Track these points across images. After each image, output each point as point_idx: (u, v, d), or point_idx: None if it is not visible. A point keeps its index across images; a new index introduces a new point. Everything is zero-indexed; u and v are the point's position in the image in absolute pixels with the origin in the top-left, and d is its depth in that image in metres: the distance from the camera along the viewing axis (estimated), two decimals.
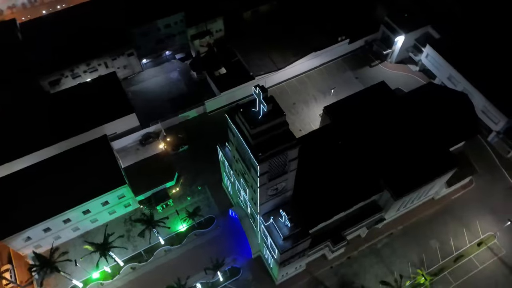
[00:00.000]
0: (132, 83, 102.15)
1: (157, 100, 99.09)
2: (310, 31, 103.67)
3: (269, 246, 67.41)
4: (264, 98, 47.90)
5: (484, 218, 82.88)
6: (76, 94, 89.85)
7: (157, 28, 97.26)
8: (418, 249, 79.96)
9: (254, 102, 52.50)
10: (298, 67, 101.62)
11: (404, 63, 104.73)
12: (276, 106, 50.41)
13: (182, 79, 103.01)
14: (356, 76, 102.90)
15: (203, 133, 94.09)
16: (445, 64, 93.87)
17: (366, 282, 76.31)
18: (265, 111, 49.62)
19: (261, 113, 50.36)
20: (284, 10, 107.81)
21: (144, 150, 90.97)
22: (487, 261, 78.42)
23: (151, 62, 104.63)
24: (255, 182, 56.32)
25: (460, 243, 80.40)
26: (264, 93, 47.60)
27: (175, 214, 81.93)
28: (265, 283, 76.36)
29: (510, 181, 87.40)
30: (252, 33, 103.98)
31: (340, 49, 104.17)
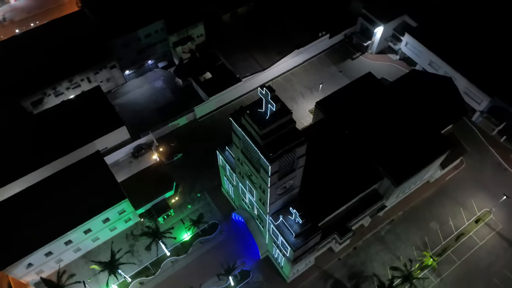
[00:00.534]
0: (117, 96, 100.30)
1: (145, 111, 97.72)
2: (291, 28, 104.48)
3: (280, 245, 67.61)
4: (272, 98, 47.97)
5: (478, 195, 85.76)
6: (62, 112, 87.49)
7: (137, 38, 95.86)
8: (420, 232, 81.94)
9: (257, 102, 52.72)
10: (283, 66, 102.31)
11: (384, 53, 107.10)
12: (283, 104, 50.65)
13: (168, 87, 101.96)
14: (340, 70, 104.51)
15: (195, 140, 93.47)
16: (425, 51, 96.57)
17: (375, 270, 77.63)
18: (273, 111, 49.75)
19: (268, 113, 50.52)
20: (262, 10, 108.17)
21: (138, 162, 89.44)
22: (486, 236, 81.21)
23: (134, 73, 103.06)
24: (265, 182, 56.43)
25: (459, 222, 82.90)
26: (272, 93, 47.72)
27: (178, 224, 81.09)
28: (276, 283, 76.54)
29: (498, 157, 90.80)
30: (233, 36, 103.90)
31: (321, 44, 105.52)
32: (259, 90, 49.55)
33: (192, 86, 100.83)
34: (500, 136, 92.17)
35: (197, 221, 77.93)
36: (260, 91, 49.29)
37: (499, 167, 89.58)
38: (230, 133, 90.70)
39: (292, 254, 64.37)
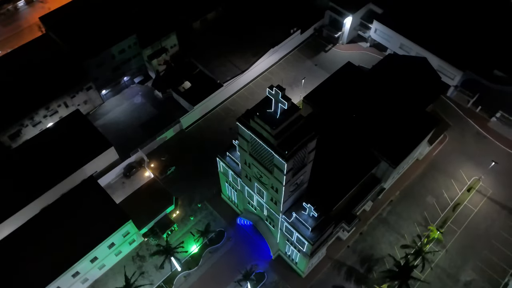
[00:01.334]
0: (97, 117, 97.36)
1: (129, 128, 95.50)
2: (263, 28, 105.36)
3: (294, 241, 68.16)
4: (282, 97, 48.43)
5: (465, 165, 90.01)
6: (43, 141, 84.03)
7: (111, 55, 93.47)
8: (419, 209, 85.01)
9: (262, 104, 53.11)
10: (260, 66, 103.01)
11: (354, 42, 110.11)
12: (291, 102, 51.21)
13: (148, 102, 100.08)
14: (315, 63, 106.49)
15: (185, 151, 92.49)
16: (395, 35, 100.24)
17: (383, 251, 79.78)
18: (283, 109, 50.23)
19: (278, 112, 50.94)
20: (231, 14, 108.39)
21: (131, 182, 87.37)
22: (479, 203, 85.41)
23: (111, 92, 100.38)
24: (280, 181, 56.82)
25: (453, 193, 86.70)
26: (282, 92, 48.17)
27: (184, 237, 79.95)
28: (292, 279, 77.04)
29: (476, 127, 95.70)
30: (207, 42, 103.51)
31: (293, 41, 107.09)
32: (268, 91, 49.91)
33: (172, 97, 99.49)
34: (476, 107, 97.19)
35: (205, 231, 77.12)
36: (269, 91, 49.65)
37: (479, 136, 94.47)
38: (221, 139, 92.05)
39: (310, 248, 65.12)
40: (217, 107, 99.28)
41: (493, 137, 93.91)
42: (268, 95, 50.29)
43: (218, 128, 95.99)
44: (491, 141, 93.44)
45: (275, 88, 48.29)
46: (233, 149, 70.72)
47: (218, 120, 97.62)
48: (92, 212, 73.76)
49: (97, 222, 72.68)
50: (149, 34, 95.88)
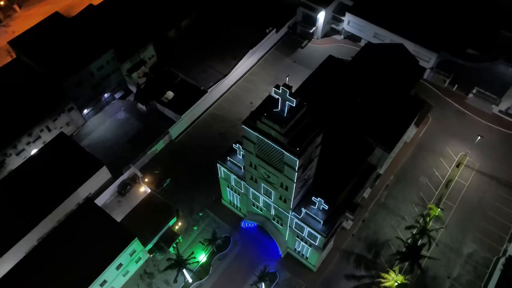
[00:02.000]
0: (81, 138, 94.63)
1: (116, 145, 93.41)
2: (239, 31, 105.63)
3: (305, 236, 68.79)
4: (290, 95, 48.90)
5: (451, 142, 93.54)
6: (31, 169, 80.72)
7: (90, 73, 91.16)
8: (414, 189, 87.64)
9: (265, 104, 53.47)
10: (241, 68, 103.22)
11: (329, 36, 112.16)
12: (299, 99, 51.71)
13: (132, 116, 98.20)
14: (294, 60, 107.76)
15: (178, 161, 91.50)
16: (368, 25, 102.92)
17: (388, 235, 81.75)
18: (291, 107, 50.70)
19: (285, 110, 51.39)
20: (204, 19, 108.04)
21: (127, 199, 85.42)
22: (469, 177, 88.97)
23: (92, 111, 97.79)
24: (291, 178, 57.28)
25: (443, 171, 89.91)
26: (289, 90, 48.63)
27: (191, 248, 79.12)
28: (304, 275, 77.62)
29: (455, 105, 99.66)
30: (184, 50, 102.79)
31: (270, 40, 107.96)
32: (274, 90, 50.25)
33: (157, 109, 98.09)
34: (452, 86, 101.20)
35: (213, 238, 76.59)
36: (276, 91, 50.04)
37: (459, 113, 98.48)
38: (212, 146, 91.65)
39: (323, 241, 65.95)
40: (204, 113, 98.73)
41: (472, 112, 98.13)
42: (274, 94, 50.65)
43: (208, 135, 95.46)
44: (471, 117, 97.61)
45: (282, 87, 48.62)
46: (233, 153, 70.61)
47: (207, 126, 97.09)
48: (95, 235, 71.71)
49: (102, 244, 70.71)
50: (126, 48, 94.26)
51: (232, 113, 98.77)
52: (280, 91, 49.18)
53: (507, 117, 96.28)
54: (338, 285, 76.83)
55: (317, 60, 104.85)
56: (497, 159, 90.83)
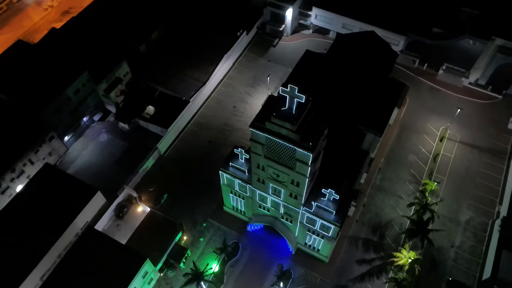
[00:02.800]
0: (66, 166, 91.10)
1: (104, 168, 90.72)
2: (210, 37, 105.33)
3: (317, 229, 69.75)
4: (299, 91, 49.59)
5: (430, 119, 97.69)
6: (20, 206, 76.84)
7: (67, 98, 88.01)
8: (405, 168, 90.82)
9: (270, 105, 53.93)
10: (219, 74, 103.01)
11: (298, 32, 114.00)
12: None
13: (115, 137, 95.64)
14: (269, 59, 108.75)
15: (171, 175, 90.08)
16: (335, 16, 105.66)
17: (389, 215, 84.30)
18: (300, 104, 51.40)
19: (294, 107, 52.02)
20: (175, 30, 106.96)
21: (126, 222, 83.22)
22: (453, 149, 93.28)
23: (73, 137, 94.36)
24: (303, 174, 58.02)
25: (429, 147, 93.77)
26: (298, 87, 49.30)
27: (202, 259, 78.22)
28: (318, 267, 78.61)
29: (428, 82, 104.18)
30: (158, 62, 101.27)
31: (242, 42, 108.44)
32: (282, 89, 50.71)
33: (140, 126, 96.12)
34: (422, 66, 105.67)
35: (224, 247, 76.08)
36: (283, 89, 50.53)
37: (433, 90, 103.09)
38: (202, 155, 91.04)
39: (337, 230, 67.15)
40: (189, 124, 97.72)
41: (445, 88, 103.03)
42: (282, 93, 51.06)
43: (197, 144, 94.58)
44: (444, 92, 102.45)
45: (290, 85, 49.17)
46: (234, 158, 70.45)
47: (194, 136, 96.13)
48: (104, 262, 69.35)
49: (113, 271, 68.50)
50: (100, 68, 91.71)
51: (217, 120, 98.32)
52: (288, 89, 49.73)
53: (477, 88, 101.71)
54: (351, 272, 78.40)
55: (291, 56, 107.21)
56: (475, 128, 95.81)
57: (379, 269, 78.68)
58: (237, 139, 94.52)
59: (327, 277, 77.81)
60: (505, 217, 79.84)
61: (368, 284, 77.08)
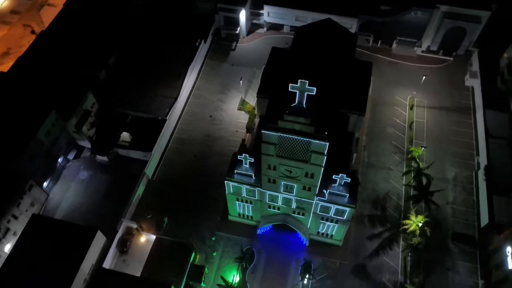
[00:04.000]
0: (51, 213, 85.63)
1: (93, 206, 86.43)
2: (170, 51, 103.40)
3: (332, 215, 71.45)
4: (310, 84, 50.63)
5: (396, 91, 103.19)
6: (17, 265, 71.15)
7: (40, 142, 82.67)
8: (386, 141, 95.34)
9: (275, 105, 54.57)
10: (187, 87, 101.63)
11: (253, 32, 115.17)
12: None
13: (96, 172, 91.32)
14: (232, 63, 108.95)
15: (165, 197, 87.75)
16: (287, 11, 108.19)
17: (385, 188, 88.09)
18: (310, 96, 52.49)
19: (304, 101, 53.01)
20: (131, 51, 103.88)
21: (132, 255, 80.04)
22: (424, 114, 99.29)
23: (51, 181, 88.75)
24: (319, 164, 59.34)
25: (402, 117, 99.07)
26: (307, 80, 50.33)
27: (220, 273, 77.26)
28: (333, 252, 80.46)
29: (385, 58, 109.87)
30: (123, 86, 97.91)
31: (202, 52, 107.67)
32: (291, 86, 51.46)
33: (119, 155, 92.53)
34: (377, 43, 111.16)
35: (243, 255, 75.71)
36: (294, 86, 51.39)
37: (391, 64, 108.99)
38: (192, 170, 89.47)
39: (352, 212, 69.20)
40: (169, 142, 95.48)
41: (401, 60, 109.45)
42: (291, 89, 51.82)
43: (183, 161, 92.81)
44: (402, 64, 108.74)
45: (300, 80, 50.06)
46: (238, 165, 70.16)
47: (178, 153, 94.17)
48: None
49: None
50: (66, 104, 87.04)
51: (197, 133, 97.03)
52: (298, 85, 50.59)
53: (430, 54, 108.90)
54: (365, 249, 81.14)
55: (252, 57, 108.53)
56: (438, 91, 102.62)
57: (390, 240, 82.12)
58: (222, 148, 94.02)
59: (345, 260, 79.87)
60: (486, 165, 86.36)
61: (384, 257, 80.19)
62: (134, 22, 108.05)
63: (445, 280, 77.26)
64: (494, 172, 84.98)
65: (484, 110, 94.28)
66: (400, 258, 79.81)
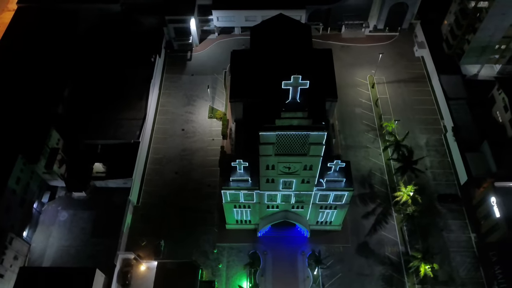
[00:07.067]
0: (38, 262, 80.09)
1: (82, 247, 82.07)
2: (126, 72, 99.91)
3: (331, 202, 72.99)
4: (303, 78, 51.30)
5: (355, 72, 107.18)
6: None
7: (12, 191, 76.89)
8: (358, 121, 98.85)
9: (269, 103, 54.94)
10: (152, 105, 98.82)
11: (204, 39, 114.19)
12: None
13: (76, 210, 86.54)
14: (192, 74, 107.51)
15: (155, 221, 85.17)
16: (236, 13, 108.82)
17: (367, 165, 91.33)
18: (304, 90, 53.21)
19: (297, 96, 53.65)
20: (84, 80, 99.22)
21: (136, 286, 76.81)
22: (385, 90, 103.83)
23: (30, 230, 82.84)
24: (318, 155, 60.40)
25: (366, 96, 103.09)
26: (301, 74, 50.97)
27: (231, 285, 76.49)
28: (335, 238, 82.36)
29: (337, 43, 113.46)
30: (85, 117, 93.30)
31: (159, 66, 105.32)
32: (285, 83, 51.77)
33: (97, 187, 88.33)
34: (327, 30, 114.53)
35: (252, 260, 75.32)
36: (287, 83, 51.70)
37: (344, 48, 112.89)
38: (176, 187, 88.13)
39: (351, 194, 71.09)
40: (146, 164, 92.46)
41: (352, 42, 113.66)
42: (285, 86, 52.21)
43: (165, 180, 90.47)
44: (354, 46, 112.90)
45: (293, 76, 50.59)
46: (232, 172, 69.55)
47: (158, 174, 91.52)
48: None
49: None
50: (31, 145, 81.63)
51: (172, 149, 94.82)
52: (291, 81, 51.05)
53: (377, 33, 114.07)
54: (364, 228, 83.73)
55: (210, 64, 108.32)
56: (392, 66, 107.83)
57: (384, 215, 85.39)
58: (202, 159, 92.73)
59: (347, 242, 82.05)
60: (453, 127, 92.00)
61: (382, 232, 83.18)
62: (82, 50, 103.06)
63: (442, 240, 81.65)
64: (461, 132, 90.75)
65: (439, 75, 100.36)
66: (397, 230, 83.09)
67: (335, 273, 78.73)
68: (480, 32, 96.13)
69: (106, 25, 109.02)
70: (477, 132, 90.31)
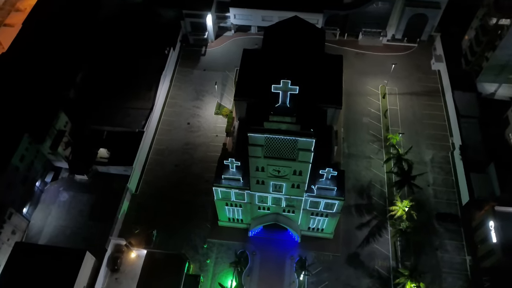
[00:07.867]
0: (34, 239, 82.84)
1: (78, 227, 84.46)
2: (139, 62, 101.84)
3: (322, 209, 72.46)
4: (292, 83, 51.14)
5: (367, 81, 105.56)
6: None
7: (15, 168, 79.75)
8: (364, 131, 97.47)
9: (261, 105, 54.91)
10: (160, 97, 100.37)
11: (220, 35, 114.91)
12: None
13: (77, 192, 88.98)
14: (204, 69, 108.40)
15: (151, 210, 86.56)
16: (253, 12, 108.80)
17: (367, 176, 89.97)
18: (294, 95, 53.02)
19: (287, 100, 53.52)
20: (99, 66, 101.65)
21: (124, 272, 78.12)
22: (396, 101, 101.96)
23: (31, 207, 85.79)
24: (307, 161, 60.03)
25: (376, 105, 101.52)
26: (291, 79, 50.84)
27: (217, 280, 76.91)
28: (326, 245, 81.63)
29: (353, 49, 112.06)
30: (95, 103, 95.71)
31: (172, 59, 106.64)
32: (274, 87, 51.80)
33: (99, 172, 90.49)
34: (343, 36, 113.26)
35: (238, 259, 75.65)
36: (277, 86, 51.72)
37: (359, 55, 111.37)
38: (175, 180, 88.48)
39: (342, 204, 70.37)
40: (149, 154, 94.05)
41: (368, 50, 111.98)
42: (274, 90, 52.19)
43: (165, 171, 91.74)
44: (369, 54, 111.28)
45: (283, 80, 50.51)
46: (225, 170, 70.01)
47: (159, 165, 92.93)
48: None
49: None
50: (38, 126, 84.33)
51: (176, 142, 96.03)
52: (281, 85, 50.99)
53: (395, 43, 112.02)
54: (356, 238, 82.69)
55: (223, 60, 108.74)
56: (406, 78, 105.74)
57: (378, 228, 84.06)
58: (204, 154, 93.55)
59: (337, 251, 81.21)
60: (461, 145, 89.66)
61: (375, 245, 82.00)
62: (99, 37, 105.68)
63: (435, 260, 79.83)
64: (468, 151, 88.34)
65: (453, 91, 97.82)
66: (390, 244, 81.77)
67: (321, 280, 78.20)
68: (500, 50, 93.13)
69: (126, 14, 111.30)
70: (485, 152, 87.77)
